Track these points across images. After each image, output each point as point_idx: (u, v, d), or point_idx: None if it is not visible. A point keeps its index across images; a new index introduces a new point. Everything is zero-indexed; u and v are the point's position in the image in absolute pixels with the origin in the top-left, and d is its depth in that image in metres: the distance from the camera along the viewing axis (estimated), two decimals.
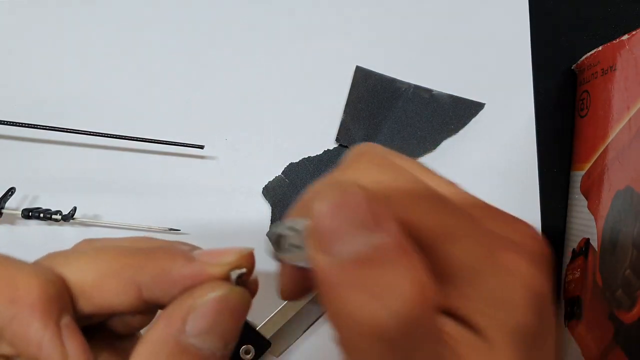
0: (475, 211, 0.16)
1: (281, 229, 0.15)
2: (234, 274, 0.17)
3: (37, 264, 0.17)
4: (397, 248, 0.13)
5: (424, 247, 0.14)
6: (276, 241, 0.15)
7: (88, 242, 0.19)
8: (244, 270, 0.17)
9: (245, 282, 0.17)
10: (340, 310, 0.13)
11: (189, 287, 0.16)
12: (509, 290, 0.14)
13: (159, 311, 0.17)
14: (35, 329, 0.15)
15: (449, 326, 0.14)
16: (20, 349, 0.16)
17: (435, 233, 0.14)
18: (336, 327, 0.13)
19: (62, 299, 0.16)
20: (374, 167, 0.16)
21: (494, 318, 0.14)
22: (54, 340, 0.15)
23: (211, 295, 0.16)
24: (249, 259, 0.17)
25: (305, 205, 0.17)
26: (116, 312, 0.18)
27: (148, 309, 0.17)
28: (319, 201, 0.13)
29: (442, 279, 0.14)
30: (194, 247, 0.18)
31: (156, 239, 0.20)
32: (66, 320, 0.16)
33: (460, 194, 0.17)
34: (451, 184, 0.17)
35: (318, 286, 0.13)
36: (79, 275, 0.17)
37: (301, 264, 0.15)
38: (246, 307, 0.17)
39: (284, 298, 0.19)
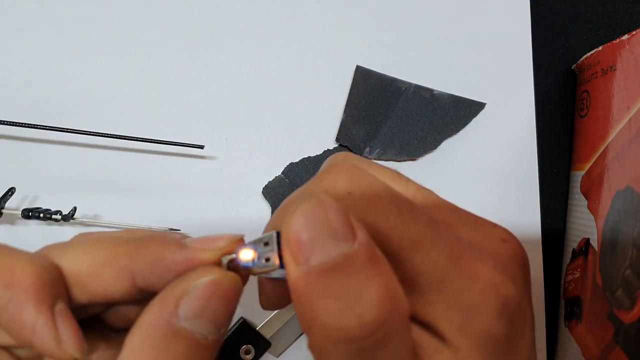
0: (447, 216, 0.16)
1: (254, 245, 0.16)
2: (225, 259, 0.17)
3: (34, 253, 0.18)
4: (366, 256, 0.13)
5: (391, 254, 0.14)
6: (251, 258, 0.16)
7: (84, 235, 0.20)
8: (234, 255, 0.17)
9: (236, 267, 0.17)
10: (312, 317, 0.13)
11: (182, 273, 0.17)
12: (474, 297, 0.14)
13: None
14: (29, 313, 0.16)
15: (415, 332, 0.14)
16: (16, 333, 0.16)
17: (401, 241, 0.14)
18: (307, 332, 0.14)
19: (56, 286, 0.16)
20: (345, 176, 0.16)
21: (459, 325, 0.14)
22: (47, 325, 0.16)
23: (203, 280, 0.16)
24: (240, 244, 0.18)
25: (279, 216, 0.17)
26: (111, 301, 0.18)
27: (143, 298, 0.18)
28: (290, 213, 0.14)
29: (408, 285, 0.14)
30: (186, 236, 0.19)
31: (150, 230, 0.20)
32: (60, 306, 0.16)
33: (433, 199, 0.17)
34: (425, 190, 0.17)
35: (291, 295, 0.14)
36: (74, 265, 0.17)
37: (276, 275, 0.16)
38: (238, 291, 0.17)
39: (265, 308, 0.19)
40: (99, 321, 0.19)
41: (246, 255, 0.16)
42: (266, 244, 0.16)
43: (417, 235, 0.14)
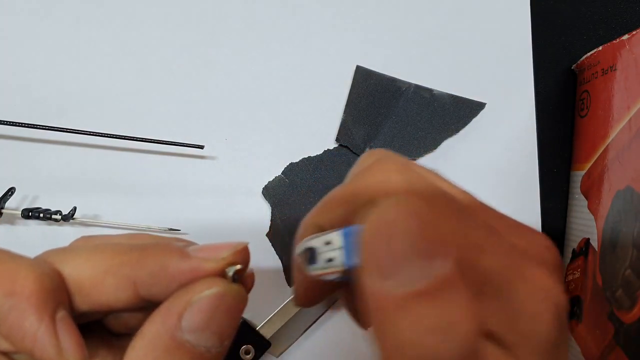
0: (494, 222, 0.15)
1: (315, 242, 0.15)
2: (230, 270, 0.17)
3: (35, 259, 0.17)
4: (454, 279, 0.12)
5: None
6: (308, 255, 0.15)
7: (85, 239, 0.19)
8: (239, 266, 0.17)
9: (240, 277, 0.17)
10: (394, 336, 0.12)
11: (185, 284, 0.16)
12: (537, 305, 0.14)
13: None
14: (30, 322, 0.15)
15: (481, 344, 0.13)
16: (17, 342, 0.16)
17: (464, 247, 0.13)
18: (384, 350, 0.13)
19: (58, 294, 0.16)
20: (398, 174, 0.15)
21: (524, 334, 0.14)
22: (48, 333, 0.16)
23: (207, 292, 0.16)
24: (243, 254, 0.18)
25: (336, 214, 0.16)
26: (113, 309, 0.18)
27: (145, 307, 0.18)
28: (375, 212, 0.12)
29: (474, 296, 0.14)
30: (190, 243, 0.19)
31: (152, 236, 0.20)
32: (62, 314, 0.16)
33: (478, 204, 0.16)
34: (467, 193, 0.17)
35: (369, 309, 0.13)
36: (76, 272, 0.17)
37: (333, 277, 0.15)
38: (242, 304, 0.17)
39: (300, 305, 0.19)
40: (101, 326, 0.19)
41: (310, 256, 0.15)
42: (329, 243, 0.14)
43: (480, 241, 0.14)
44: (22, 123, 0.30)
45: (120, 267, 0.17)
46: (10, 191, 0.31)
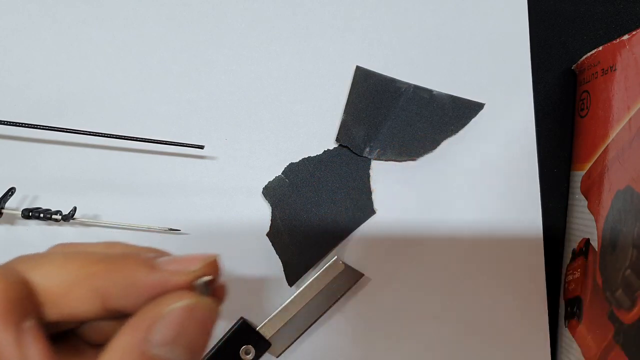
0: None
1: None
2: (200, 283, 0.17)
3: (4, 266, 0.17)
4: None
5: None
6: None
7: (62, 246, 0.19)
8: (209, 278, 0.17)
9: (212, 289, 0.17)
10: None
11: (155, 296, 0.16)
12: None
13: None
14: None
15: None
16: None
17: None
18: None
19: (25, 303, 0.16)
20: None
21: None
22: (12, 344, 0.15)
23: (176, 305, 0.16)
24: (213, 266, 0.17)
25: None
26: (83, 320, 0.17)
27: (118, 316, 0.17)
28: None
29: None
30: (162, 254, 0.18)
31: (128, 245, 0.19)
32: (29, 324, 0.16)
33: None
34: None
35: None
36: (45, 282, 0.16)
37: None
38: (213, 316, 0.17)
39: None
40: (76, 335, 0.19)
41: None
42: None
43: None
44: (22, 123, 0.30)
45: (88, 278, 0.16)
46: (10, 191, 0.31)
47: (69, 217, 0.31)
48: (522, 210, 0.35)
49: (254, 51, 0.35)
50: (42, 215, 0.30)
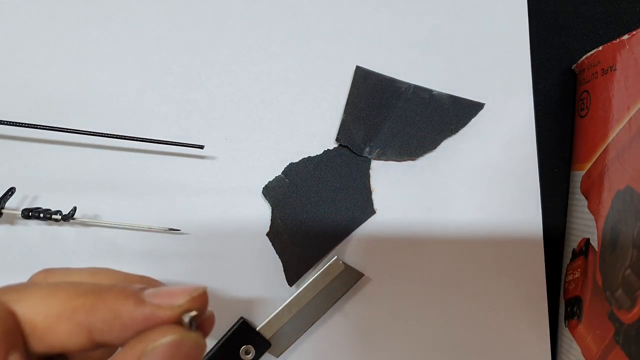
0: None
1: None
2: (186, 317, 0.16)
3: None
4: None
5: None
6: None
7: (45, 273, 0.19)
8: (194, 313, 0.17)
9: (197, 323, 0.17)
10: None
11: (141, 331, 0.16)
12: None
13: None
14: None
15: None
16: None
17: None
18: None
19: (10, 336, 0.16)
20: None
21: None
22: None
23: (162, 341, 0.15)
24: (200, 300, 0.17)
25: None
26: (69, 352, 0.17)
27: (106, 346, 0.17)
28: None
29: None
30: (148, 282, 0.18)
31: (115, 272, 0.19)
32: (14, 357, 0.15)
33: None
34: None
35: None
36: (30, 314, 0.16)
37: None
38: (200, 351, 0.16)
39: None
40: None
41: None
42: None
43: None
44: (22, 123, 0.30)
45: (74, 312, 0.16)
46: (10, 191, 0.31)
47: (69, 217, 0.31)
48: (522, 210, 0.35)
49: (254, 51, 0.35)
50: (42, 215, 0.30)
